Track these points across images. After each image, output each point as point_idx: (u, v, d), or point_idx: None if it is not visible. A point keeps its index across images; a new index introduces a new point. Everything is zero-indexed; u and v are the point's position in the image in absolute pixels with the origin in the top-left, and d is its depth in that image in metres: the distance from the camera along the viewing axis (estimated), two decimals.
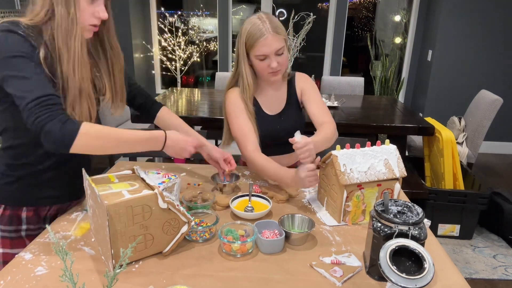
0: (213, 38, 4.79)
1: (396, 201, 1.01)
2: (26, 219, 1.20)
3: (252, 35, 1.44)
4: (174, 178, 1.28)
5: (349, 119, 2.76)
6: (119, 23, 4.23)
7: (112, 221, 0.91)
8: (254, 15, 1.50)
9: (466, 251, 2.57)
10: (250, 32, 1.45)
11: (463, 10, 3.98)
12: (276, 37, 1.44)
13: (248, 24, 1.47)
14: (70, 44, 1.05)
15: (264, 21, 1.44)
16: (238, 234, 1.08)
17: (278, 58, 1.47)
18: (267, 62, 1.47)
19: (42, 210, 1.23)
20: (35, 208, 1.21)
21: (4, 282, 0.92)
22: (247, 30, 1.46)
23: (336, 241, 1.14)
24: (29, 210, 1.20)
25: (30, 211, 1.20)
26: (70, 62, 1.06)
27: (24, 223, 1.20)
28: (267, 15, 1.48)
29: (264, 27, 1.43)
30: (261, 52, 1.45)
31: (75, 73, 1.07)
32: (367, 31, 4.84)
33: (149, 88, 4.85)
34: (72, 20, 1.05)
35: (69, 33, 1.05)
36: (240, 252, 1.03)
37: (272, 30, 1.43)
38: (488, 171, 3.93)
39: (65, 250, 0.67)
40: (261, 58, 1.47)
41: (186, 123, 1.51)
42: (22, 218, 1.19)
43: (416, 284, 0.84)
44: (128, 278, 0.94)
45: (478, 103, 3.18)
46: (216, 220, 1.14)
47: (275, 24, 1.46)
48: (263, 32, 1.43)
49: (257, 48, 1.45)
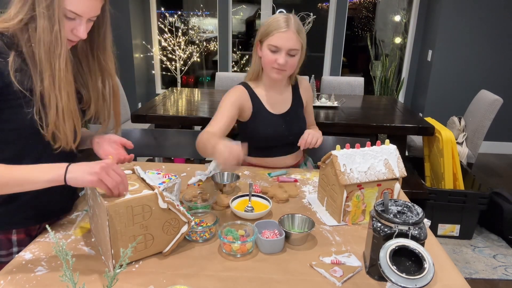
0: (213, 38, 4.79)
1: (396, 201, 1.01)
2: (17, 242, 1.13)
3: (273, 24, 1.47)
4: (175, 178, 1.28)
5: (349, 119, 2.76)
6: (119, 23, 4.24)
7: (112, 221, 0.91)
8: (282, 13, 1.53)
9: (466, 251, 2.57)
10: (273, 21, 1.48)
11: (463, 10, 3.98)
12: (295, 35, 1.46)
13: (272, 17, 1.50)
14: (55, 63, 0.98)
15: (290, 19, 1.47)
16: (238, 234, 1.08)
17: (288, 57, 1.48)
18: (276, 56, 1.48)
19: (33, 229, 1.17)
20: (25, 229, 1.14)
21: (4, 282, 0.92)
22: (270, 20, 1.49)
23: (336, 241, 1.14)
24: (19, 232, 1.13)
25: (21, 233, 1.13)
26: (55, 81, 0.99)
27: (15, 246, 1.13)
28: (295, 17, 1.50)
29: (288, 23, 1.45)
30: (275, 43, 1.46)
31: (60, 92, 1.00)
32: (367, 31, 4.84)
33: (149, 88, 4.86)
34: (56, 37, 0.96)
35: (53, 51, 0.97)
36: (240, 252, 1.03)
37: (295, 28, 1.46)
38: (488, 171, 3.93)
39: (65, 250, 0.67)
40: (272, 49, 1.47)
41: (186, 123, 1.50)
42: (12, 241, 1.13)
43: (416, 284, 0.84)
44: (128, 278, 0.94)
45: (478, 103, 3.18)
46: (216, 220, 1.14)
47: (299, 26, 1.49)
48: (284, 25, 1.45)
49: (272, 38, 1.46)
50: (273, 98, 1.63)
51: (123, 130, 1.99)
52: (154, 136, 2.04)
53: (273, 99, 1.63)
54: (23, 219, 1.14)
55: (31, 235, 1.17)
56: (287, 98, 1.66)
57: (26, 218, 1.14)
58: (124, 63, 4.42)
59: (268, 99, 1.62)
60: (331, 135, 1.97)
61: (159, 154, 2.08)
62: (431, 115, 4.14)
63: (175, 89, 3.62)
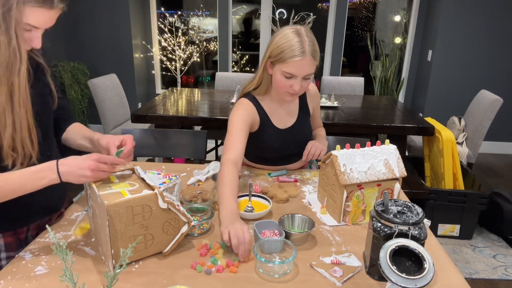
0: (213, 38, 4.79)
1: (396, 201, 1.01)
2: (5, 246, 1.10)
3: (288, 51, 1.33)
4: (175, 179, 1.28)
5: (349, 119, 2.76)
6: (119, 23, 4.24)
7: (112, 221, 0.91)
8: (291, 27, 1.38)
9: (466, 251, 2.57)
10: (286, 47, 1.34)
11: (463, 10, 3.98)
12: (312, 62, 1.35)
13: (284, 37, 1.35)
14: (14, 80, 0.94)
15: (305, 41, 1.33)
16: None
17: (303, 82, 1.39)
18: (290, 82, 1.39)
19: (21, 232, 1.14)
20: (12, 232, 1.11)
21: (4, 282, 0.92)
22: (283, 42, 1.35)
23: (336, 241, 1.14)
24: (7, 235, 1.10)
25: (8, 237, 1.10)
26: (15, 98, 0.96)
27: (3, 251, 1.10)
28: (307, 33, 1.36)
29: (303, 47, 1.32)
30: (290, 71, 1.36)
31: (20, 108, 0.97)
32: (367, 31, 4.83)
33: (149, 88, 4.86)
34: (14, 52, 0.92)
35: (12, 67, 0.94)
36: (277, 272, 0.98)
37: (310, 53, 1.34)
38: (488, 171, 3.93)
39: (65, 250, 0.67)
40: (287, 76, 1.38)
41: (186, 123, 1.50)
42: (0, 246, 1.10)
43: (416, 284, 0.84)
44: (128, 278, 0.94)
45: (478, 103, 3.18)
46: (211, 214, 1.16)
47: (315, 47, 1.36)
48: (300, 52, 1.32)
49: (287, 65, 1.35)
50: (279, 112, 1.57)
51: (123, 130, 1.99)
52: (154, 136, 2.04)
53: (280, 113, 1.57)
54: (9, 221, 1.10)
55: (20, 238, 1.14)
56: (293, 111, 1.60)
57: (13, 220, 1.11)
58: (124, 63, 4.42)
59: (275, 113, 1.56)
60: (331, 135, 1.97)
61: (159, 154, 2.08)
62: (431, 115, 4.14)
63: (175, 89, 3.62)
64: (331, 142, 1.96)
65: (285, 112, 1.58)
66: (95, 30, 4.32)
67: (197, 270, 0.98)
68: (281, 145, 1.58)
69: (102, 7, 4.25)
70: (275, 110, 1.56)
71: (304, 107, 1.62)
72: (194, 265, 0.98)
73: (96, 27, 4.31)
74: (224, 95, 3.33)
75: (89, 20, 4.31)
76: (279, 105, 1.56)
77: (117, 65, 4.41)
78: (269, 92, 1.54)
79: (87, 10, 4.25)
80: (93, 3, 4.23)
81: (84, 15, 4.26)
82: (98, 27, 4.32)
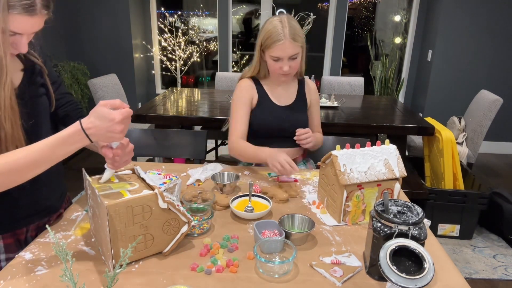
0: (213, 38, 4.79)
1: (396, 201, 1.01)
2: (4, 247, 1.09)
3: (271, 37, 1.53)
4: (175, 179, 1.28)
5: (349, 119, 2.76)
6: (119, 23, 4.24)
7: (112, 221, 0.91)
8: (276, 16, 1.58)
9: (466, 251, 2.57)
10: (270, 33, 1.53)
11: (463, 10, 3.98)
12: (293, 44, 1.52)
13: (269, 24, 1.55)
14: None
15: (285, 26, 1.51)
16: None
17: (291, 62, 1.56)
18: (279, 64, 1.57)
19: (20, 233, 1.13)
20: (11, 233, 1.11)
21: (4, 282, 0.92)
22: (267, 30, 1.55)
23: (336, 241, 1.14)
24: (6, 237, 1.09)
25: (8, 238, 1.10)
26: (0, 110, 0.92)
27: (2, 252, 1.09)
28: (289, 20, 1.55)
29: (283, 32, 1.51)
30: (276, 55, 1.55)
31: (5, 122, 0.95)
32: (367, 31, 4.84)
33: (149, 88, 4.86)
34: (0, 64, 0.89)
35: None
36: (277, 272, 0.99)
37: (290, 36, 1.51)
38: (488, 171, 3.93)
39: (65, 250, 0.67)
40: (274, 59, 1.57)
41: (186, 123, 1.52)
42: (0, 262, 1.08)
43: (416, 284, 0.84)
44: (128, 278, 0.94)
45: (478, 103, 3.18)
46: (211, 214, 1.16)
47: (294, 31, 1.53)
48: (281, 37, 1.51)
49: (272, 50, 1.54)
50: (278, 91, 1.73)
51: None
52: (154, 136, 2.04)
53: (278, 92, 1.73)
54: (9, 222, 1.10)
55: (19, 239, 1.13)
56: (292, 93, 1.75)
57: (12, 221, 1.10)
58: (124, 63, 4.42)
59: (274, 91, 1.73)
60: (331, 135, 1.97)
61: (159, 154, 2.08)
62: (431, 115, 4.15)
63: (175, 89, 3.62)
64: (331, 142, 1.96)
65: (284, 92, 1.74)
66: (95, 30, 4.32)
67: (197, 270, 0.98)
68: (277, 121, 1.68)
69: (102, 7, 4.25)
70: (274, 89, 1.73)
71: (301, 95, 1.77)
72: (195, 267, 0.98)
73: (96, 27, 4.32)
74: (224, 95, 3.33)
75: (89, 20, 4.31)
76: (278, 85, 1.73)
77: (117, 65, 4.41)
78: (268, 76, 1.72)
79: (87, 10, 4.25)
80: (93, 3, 4.24)
81: (84, 15, 4.27)
82: (98, 27, 4.32)
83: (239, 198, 1.31)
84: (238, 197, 1.31)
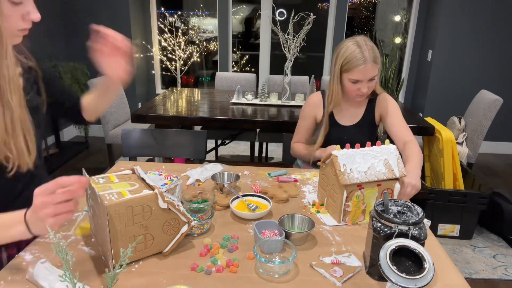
0: (213, 38, 4.79)
1: (396, 201, 1.02)
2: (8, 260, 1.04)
3: (351, 61, 1.55)
4: (176, 180, 1.28)
5: None
6: (119, 23, 4.24)
7: (112, 221, 0.91)
8: (352, 39, 1.59)
9: (466, 251, 2.57)
10: (350, 57, 1.55)
11: (463, 10, 3.99)
12: (374, 66, 1.56)
13: (347, 50, 1.57)
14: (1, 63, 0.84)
15: (365, 50, 1.54)
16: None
17: (369, 83, 1.60)
18: (357, 86, 1.60)
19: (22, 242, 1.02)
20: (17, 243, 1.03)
21: (4, 282, 0.92)
22: (346, 55, 1.56)
23: (336, 241, 1.14)
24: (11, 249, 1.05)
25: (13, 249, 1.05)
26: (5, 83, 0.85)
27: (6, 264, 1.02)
28: (366, 42, 1.56)
29: (365, 56, 1.53)
30: (356, 78, 1.58)
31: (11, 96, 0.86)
32: (367, 31, 4.84)
33: (149, 88, 4.85)
34: None
35: None
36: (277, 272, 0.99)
37: (371, 59, 1.54)
38: (488, 171, 3.93)
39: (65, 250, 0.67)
40: (353, 81, 1.59)
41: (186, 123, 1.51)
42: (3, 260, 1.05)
43: (416, 284, 0.84)
44: (128, 278, 0.94)
45: (478, 103, 3.18)
46: (211, 214, 1.16)
47: (375, 54, 1.56)
48: (362, 61, 1.53)
49: (352, 73, 1.57)
50: (345, 113, 1.77)
51: (123, 130, 1.99)
52: (154, 136, 2.04)
53: (346, 115, 1.77)
54: None
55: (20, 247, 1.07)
56: (358, 113, 1.77)
57: None
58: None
59: (340, 116, 1.76)
60: None
61: (159, 154, 2.08)
62: (431, 115, 4.14)
63: (175, 89, 3.62)
64: None
65: (351, 112, 1.77)
66: None
67: (197, 270, 0.98)
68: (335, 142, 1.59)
69: (102, 7, 4.25)
70: (342, 112, 1.77)
71: (369, 113, 1.76)
72: (195, 267, 0.98)
73: None
74: (224, 95, 3.33)
75: (89, 20, 4.30)
76: (348, 105, 1.77)
77: None
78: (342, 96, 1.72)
79: (87, 10, 4.25)
80: (93, 3, 4.23)
81: (84, 15, 4.26)
82: None
83: (239, 198, 1.31)
84: (238, 197, 1.31)
